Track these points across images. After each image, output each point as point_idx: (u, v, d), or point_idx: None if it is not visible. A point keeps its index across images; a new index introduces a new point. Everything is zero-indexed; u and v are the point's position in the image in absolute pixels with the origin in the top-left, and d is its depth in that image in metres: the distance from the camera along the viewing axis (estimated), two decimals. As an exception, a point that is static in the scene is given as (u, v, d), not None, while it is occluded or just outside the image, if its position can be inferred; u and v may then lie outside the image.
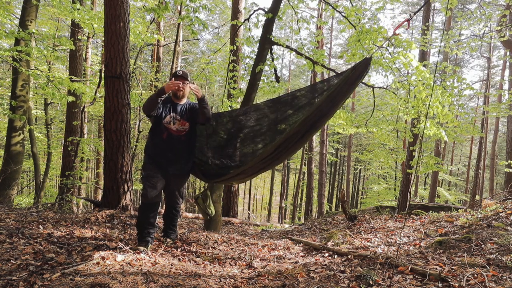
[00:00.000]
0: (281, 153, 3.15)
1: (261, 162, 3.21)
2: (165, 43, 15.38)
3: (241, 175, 3.41)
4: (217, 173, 3.58)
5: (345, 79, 2.88)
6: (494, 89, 21.51)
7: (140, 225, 3.26)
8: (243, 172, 3.35)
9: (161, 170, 3.27)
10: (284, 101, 3.42)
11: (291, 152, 3.27)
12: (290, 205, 25.17)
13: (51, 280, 2.32)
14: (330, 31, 20.56)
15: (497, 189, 20.09)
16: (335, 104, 2.99)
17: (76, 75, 7.92)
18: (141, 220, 3.26)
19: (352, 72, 2.88)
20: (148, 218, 3.25)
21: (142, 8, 6.20)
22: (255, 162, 3.22)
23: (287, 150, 3.14)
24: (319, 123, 3.08)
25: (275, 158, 3.19)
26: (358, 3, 6.14)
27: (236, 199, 8.85)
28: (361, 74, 2.89)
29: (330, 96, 2.91)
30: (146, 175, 3.22)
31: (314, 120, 3.00)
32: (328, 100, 2.93)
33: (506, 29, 7.88)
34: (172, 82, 3.21)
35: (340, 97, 2.95)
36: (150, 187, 3.19)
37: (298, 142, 3.11)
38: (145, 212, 3.24)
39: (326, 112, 3.00)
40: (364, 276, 2.54)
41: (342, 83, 2.88)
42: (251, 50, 6.44)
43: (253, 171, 3.39)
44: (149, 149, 3.31)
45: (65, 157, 8.18)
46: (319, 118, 3.02)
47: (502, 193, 7.51)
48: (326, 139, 16.05)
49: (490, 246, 3.04)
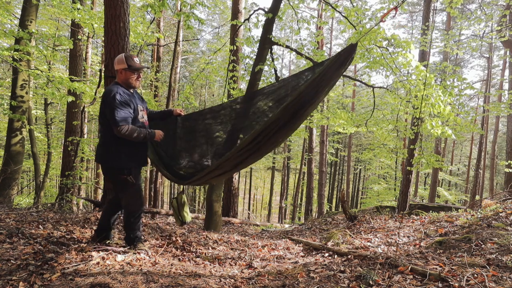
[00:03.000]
0: (260, 144, 2.92)
1: (238, 154, 2.97)
2: (165, 43, 15.38)
3: (216, 170, 3.12)
4: (189, 173, 3.40)
5: (329, 64, 2.80)
6: (495, 89, 21.50)
7: (137, 228, 3.21)
8: (218, 168, 3.09)
9: None
10: (267, 92, 3.29)
11: (272, 143, 2.98)
12: (290, 205, 25.17)
13: (51, 280, 2.32)
14: (330, 31, 20.55)
15: (497, 189, 20.09)
16: (319, 91, 2.85)
17: (76, 75, 7.92)
18: (138, 225, 3.20)
19: (336, 58, 2.81)
20: (140, 223, 3.27)
21: (142, 7, 6.19)
22: (232, 153, 2.99)
23: (267, 140, 2.91)
24: (302, 111, 2.87)
25: (254, 150, 2.95)
26: (358, 3, 6.14)
27: (236, 199, 8.84)
28: (345, 60, 2.81)
29: (313, 82, 2.79)
30: (138, 184, 3.08)
31: (296, 108, 2.82)
32: (311, 87, 2.80)
33: (506, 29, 7.88)
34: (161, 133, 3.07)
35: (324, 84, 2.84)
36: (141, 196, 3.12)
37: (280, 131, 2.88)
38: (140, 219, 3.20)
39: (309, 99, 2.84)
40: (364, 276, 2.54)
41: (326, 69, 2.80)
42: (251, 50, 6.44)
43: (230, 166, 3.10)
44: (133, 155, 2.98)
45: (65, 157, 8.18)
46: (301, 106, 2.84)
47: (502, 193, 7.52)
48: (326, 139, 16.05)
49: (490, 246, 3.04)
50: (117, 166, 2.95)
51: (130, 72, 2.95)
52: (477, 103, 23.04)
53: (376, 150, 15.34)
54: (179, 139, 3.56)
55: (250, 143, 2.90)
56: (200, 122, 3.55)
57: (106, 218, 3.25)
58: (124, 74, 2.95)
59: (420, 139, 7.68)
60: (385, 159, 18.16)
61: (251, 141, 2.89)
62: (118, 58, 2.97)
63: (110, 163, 2.96)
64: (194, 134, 3.54)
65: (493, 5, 10.16)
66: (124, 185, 2.98)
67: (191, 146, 3.54)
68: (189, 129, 3.55)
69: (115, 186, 3.16)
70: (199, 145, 3.52)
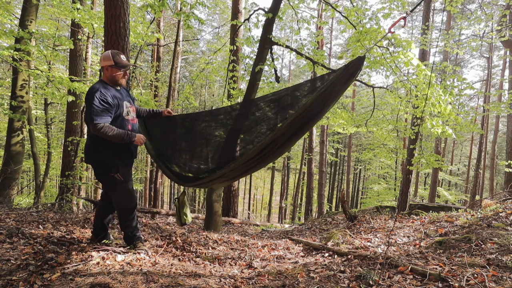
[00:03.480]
0: (267, 155, 2.95)
1: (244, 165, 3.02)
2: (165, 43, 15.38)
3: (220, 178, 3.16)
4: (193, 177, 3.40)
5: (337, 77, 2.75)
6: (495, 89, 21.49)
7: (135, 227, 3.20)
8: (223, 176, 3.13)
9: None
10: (270, 100, 3.22)
11: (277, 154, 3.03)
12: (290, 205, 25.17)
13: (51, 280, 2.32)
14: (330, 31, 20.55)
15: (497, 189, 20.09)
16: (326, 104, 2.82)
17: (76, 75, 7.92)
18: (135, 223, 3.19)
19: (344, 71, 2.75)
20: (137, 220, 3.25)
21: (142, 7, 6.19)
22: (237, 165, 3.03)
23: (273, 152, 2.95)
24: (308, 124, 2.90)
25: (260, 160, 3.00)
26: (358, 3, 6.14)
27: (236, 199, 8.85)
28: (354, 73, 2.76)
29: (321, 95, 2.76)
30: (131, 180, 3.04)
31: (303, 121, 2.83)
32: (318, 100, 2.77)
33: (506, 29, 7.88)
34: (143, 138, 2.96)
35: (332, 97, 2.80)
36: (132, 193, 3.06)
37: (285, 144, 2.92)
38: (134, 215, 3.17)
39: (316, 113, 2.83)
40: (364, 276, 2.54)
41: (334, 82, 2.74)
42: (251, 50, 6.44)
43: (235, 175, 3.16)
44: (120, 153, 2.93)
45: (65, 157, 8.18)
46: (308, 120, 2.84)
47: (502, 193, 7.51)
48: (326, 139, 16.05)
49: (490, 246, 3.04)
50: (104, 165, 2.92)
51: (116, 69, 2.91)
52: (477, 103, 23.05)
53: (376, 150, 15.35)
54: (179, 139, 3.55)
55: (258, 154, 2.92)
56: (199, 122, 3.53)
57: (99, 218, 3.24)
58: (110, 71, 2.91)
59: (420, 139, 7.68)
60: (385, 159, 18.17)
61: (258, 152, 2.91)
62: (104, 55, 2.94)
63: (98, 162, 2.94)
64: (193, 134, 3.52)
65: (493, 5, 10.16)
66: (113, 183, 2.95)
67: (191, 147, 3.52)
68: (188, 129, 3.54)
69: (104, 185, 3.14)
70: (198, 146, 3.50)
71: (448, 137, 6.29)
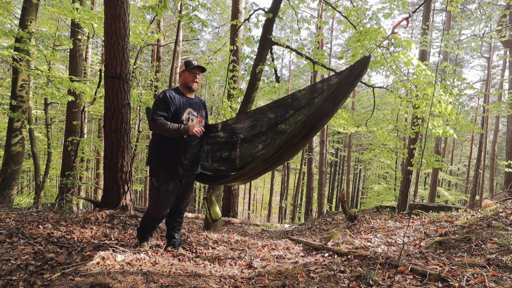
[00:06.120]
0: (283, 154, 3.10)
1: (262, 164, 3.16)
2: (165, 43, 15.38)
3: (242, 177, 3.35)
4: (218, 175, 3.55)
5: (344, 78, 2.86)
6: (495, 89, 21.49)
7: (144, 231, 3.30)
8: (244, 174, 3.29)
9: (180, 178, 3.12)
10: (285, 103, 3.38)
11: (293, 153, 3.20)
12: (290, 205, 25.17)
13: (51, 280, 2.32)
14: (331, 31, 20.56)
15: (497, 189, 20.09)
16: (336, 104, 2.95)
17: (76, 75, 7.92)
18: (147, 228, 3.30)
19: (351, 71, 2.85)
20: (154, 228, 3.40)
21: (142, 7, 6.18)
22: (256, 164, 3.18)
23: (289, 151, 3.10)
24: (320, 123, 3.03)
25: (277, 159, 3.15)
26: (358, 2, 6.13)
27: (236, 199, 8.85)
28: (360, 73, 2.87)
29: (331, 96, 2.88)
30: (166, 191, 3.03)
31: (315, 121, 2.96)
32: (328, 100, 2.90)
33: (506, 29, 7.88)
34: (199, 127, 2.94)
35: (340, 97, 2.92)
36: (165, 206, 3.10)
37: (300, 143, 3.07)
38: (153, 223, 3.30)
39: (327, 112, 2.97)
40: (364, 276, 2.53)
41: (342, 83, 2.86)
42: (251, 50, 6.44)
43: (255, 173, 3.32)
44: (168, 156, 2.99)
45: (65, 157, 8.18)
46: (320, 119, 2.97)
47: (502, 193, 7.51)
48: (326, 139, 16.05)
49: (490, 246, 3.04)
50: (149, 166, 3.14)
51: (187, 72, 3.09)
52: (477, 103, 23.06)
53: (376, 150, 15.35)
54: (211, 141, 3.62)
55: (274, 153, 3.07)
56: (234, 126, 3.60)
57: (167, 225, 3.43)
58: (182, 76, 3.11)
59: (420, 139, 7.68)
60: (385, 159, 18.16)
61: (275, 152, 3.05)
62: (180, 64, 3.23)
63: (147, 163, 3.16)
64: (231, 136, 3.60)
65: (493, 5, 10.16)
66: (151, 185, 3.14)
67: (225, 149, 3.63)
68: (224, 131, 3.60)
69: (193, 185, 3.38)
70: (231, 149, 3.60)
71: (449, 137, 6.28)
